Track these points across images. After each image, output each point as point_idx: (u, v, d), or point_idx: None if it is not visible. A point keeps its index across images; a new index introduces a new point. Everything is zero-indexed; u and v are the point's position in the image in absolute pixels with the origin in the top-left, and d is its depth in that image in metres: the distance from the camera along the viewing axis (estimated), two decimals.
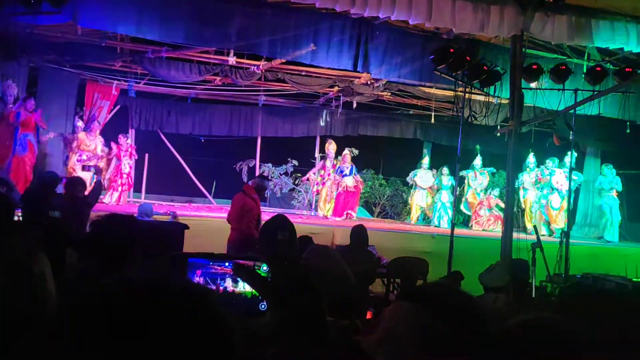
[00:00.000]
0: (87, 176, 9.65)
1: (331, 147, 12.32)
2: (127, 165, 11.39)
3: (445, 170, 12.69)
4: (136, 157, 11.80)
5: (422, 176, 12.79)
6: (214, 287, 1.86)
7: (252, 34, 8.41)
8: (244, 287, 1.83)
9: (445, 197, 12.41)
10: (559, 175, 11.86)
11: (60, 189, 6.30)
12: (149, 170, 13.01)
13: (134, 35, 8.89)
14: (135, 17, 7.90)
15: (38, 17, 7.41)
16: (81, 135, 10.87)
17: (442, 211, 12.38)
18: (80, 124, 11.28)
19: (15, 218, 4.51)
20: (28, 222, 4.99)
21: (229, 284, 1.84)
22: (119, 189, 11.20)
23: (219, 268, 1.84)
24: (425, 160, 13.02)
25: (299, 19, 8.57)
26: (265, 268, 1.82)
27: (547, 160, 12.22)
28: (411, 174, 13.02)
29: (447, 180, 12.54)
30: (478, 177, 12.73)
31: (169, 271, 1.89)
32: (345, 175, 12.00)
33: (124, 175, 11.28)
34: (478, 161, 12.83)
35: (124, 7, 7.81)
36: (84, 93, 11.81)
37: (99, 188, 6.57)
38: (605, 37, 7.89)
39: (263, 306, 1.76)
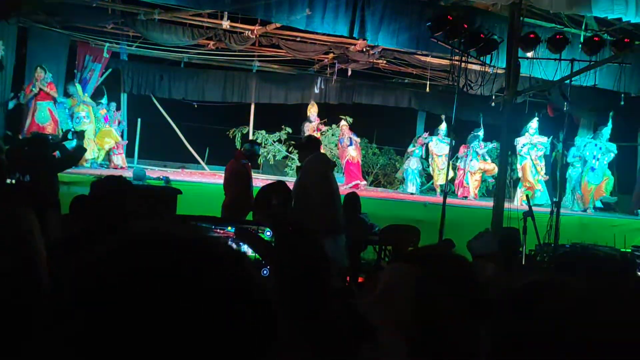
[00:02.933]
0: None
1: (313, 109, 12.33)
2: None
3: (420, 139, 12.82)
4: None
5: (437, 144, 12.77)
6: None
7: None
8: (246, 250, 1.81)
9: (414, 164, 12.52)
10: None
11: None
12: (142, 135, 12.91)
13: None
14: None
15: None
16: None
17: (410, 177, 12.54)
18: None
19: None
20: (20, 185, 4.96)
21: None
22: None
23: (221, 232, 1.82)
24: (443, 127, 12.88)
25: None
26: (268, 233, 1.79)
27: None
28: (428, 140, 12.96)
29: (417, 148, 12.66)
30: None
31: None
32: (349, 145, 12.18)
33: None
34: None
35: None
36: (75, 55, 11.60)
37: (76, 151, 6.37)
38: (604, 7, 7.80)
39: (266, 272, 1.74)
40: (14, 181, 5.07)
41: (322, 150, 6.64)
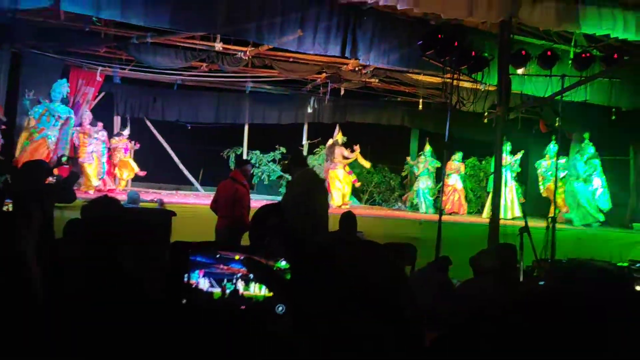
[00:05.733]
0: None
1: (339, 135, 12.45)
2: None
3: (422, 157, 12.99)
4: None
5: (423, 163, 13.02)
6: (219, 289, 1.62)
7: (239, 19, 8.30)
8: (255, 289, 1.61)
9: (424, 183, 12.63)
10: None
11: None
12: (136, 158, 12.88)
13: (119, 20, 8.73)
14: (120, 2, 7.76)
15: (20, 1, 7.23)
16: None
17: (421, 197, 12.65)
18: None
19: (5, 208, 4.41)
20: (18, 213, 4.89)
21: (238, 286, 1.60)
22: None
23: (226, 268, 1.61)
24: (427, 148, 13.13)
25: (286, 4, 8.47)
26: (283, 262, 1.59)
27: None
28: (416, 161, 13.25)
29: (423, 166, 12.77)
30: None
31: (168, 266, 1.70)
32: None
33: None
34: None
35: None
36: (68, 79, 11.61)
37: (69, 178, 6.21)
38: (592, 23, 7.91)
39: (281, 308, 1.55)
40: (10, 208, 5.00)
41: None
